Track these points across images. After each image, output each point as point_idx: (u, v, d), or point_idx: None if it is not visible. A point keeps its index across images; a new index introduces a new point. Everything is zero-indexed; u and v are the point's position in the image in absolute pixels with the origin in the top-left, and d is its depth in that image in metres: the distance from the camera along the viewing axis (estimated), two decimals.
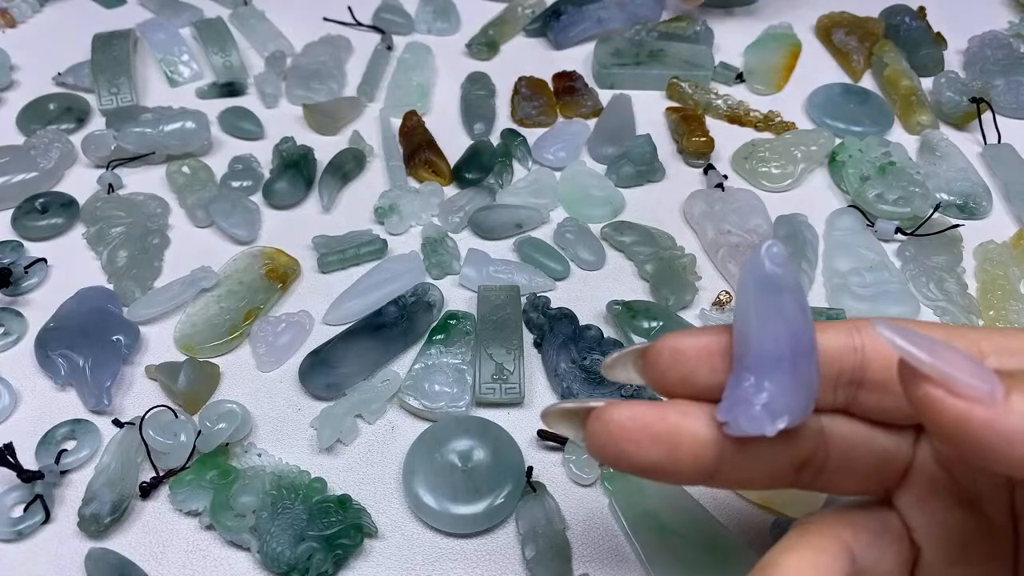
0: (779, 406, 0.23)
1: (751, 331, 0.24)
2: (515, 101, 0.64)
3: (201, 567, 0.38)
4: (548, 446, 0.42)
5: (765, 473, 0.26)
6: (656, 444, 0.24)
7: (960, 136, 0.63)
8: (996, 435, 0.19)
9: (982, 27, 0.72)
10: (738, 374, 0.24)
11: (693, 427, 0.25)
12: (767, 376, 0.24)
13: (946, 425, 0.20)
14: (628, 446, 0.25)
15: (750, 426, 0.23)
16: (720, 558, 0.37)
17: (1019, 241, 0.53)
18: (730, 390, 0.24)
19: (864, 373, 0.25)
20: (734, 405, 0.24)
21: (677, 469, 0.25)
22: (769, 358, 0.24)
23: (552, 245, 0.53)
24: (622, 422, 0.25)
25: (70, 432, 0.42)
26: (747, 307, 0.24)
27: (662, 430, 0.25)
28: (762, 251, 0.24)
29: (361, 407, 0.43)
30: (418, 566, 0.38)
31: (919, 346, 0.20)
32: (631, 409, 0.25)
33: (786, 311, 0.24)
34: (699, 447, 0.24)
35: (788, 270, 0.24)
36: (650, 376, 0.27)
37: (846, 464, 0.26)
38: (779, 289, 0.24)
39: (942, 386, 0.20)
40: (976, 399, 0.20)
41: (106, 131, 0.58)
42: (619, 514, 0.39)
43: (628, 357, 0.28)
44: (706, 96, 0.65)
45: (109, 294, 0.49)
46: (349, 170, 0.58)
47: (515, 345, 0.45)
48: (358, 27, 0.73)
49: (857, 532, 0.25)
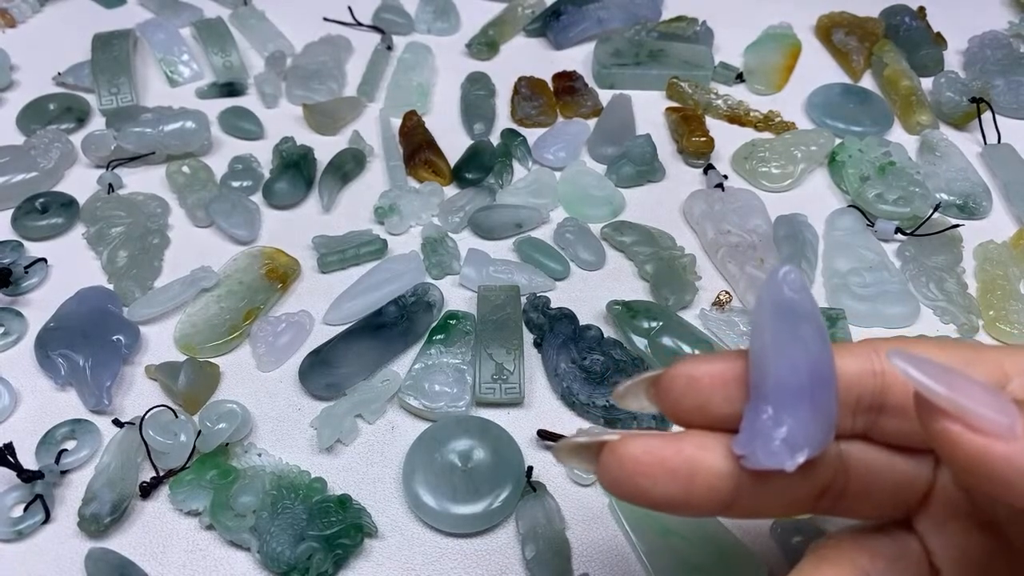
0: (799, 439, 0.22)
1: (768, 359, 0.23)
2: (515, 101, 0.64)
3: (201, 567, 0.38)
4: (548, 446, 0.42)
5: (783, 503, 0.25)
6: (671, 478, 0.24)
7: (960, 136, 0.63)
8: (1015, 470, 0.19)
9: (982, 27, 0.72)
10: (756, 404, 0.23)
11: (710, 460, 0.24)
12: (786, 408, 0.23)
13: (963, 460, 0.20)
14: (642, 481, 0.24)
15: (769, 460, 0.23)
16: (720, 558, 0.37)
17: (1019, 241, 0.53)
18: (748, 422, 0.23)
19: (885, 398, 0.24)
20: (752, 438, 0.23)
21: (693, 502, 0.24)
22: (788, 388, 0.23)
23: (552, 245, 0.53)
24: (636, 456, 0.24)
25: (70, 432, 0.42)
26: (764, 334, 0.23)
27: (678, 464, 0.24)
28: (779, 276, 0.23)
29: (361, 407, 0.43)
30: (418, 566, 0.38)
31: (935, 378, 0.20)
32: (646, 443, 0.24)
33: (805, 339, 0.23)
34: (715, 480, 0.24)
35: (806, 296, 0.23)
36: (664, 404, 0.26)
37: (865, 490, 0.25)
38: (797, 316, 0.23)
39: (959, 421, 0.19)
40: (994, 434, 0.19)
41: (106, 131, 0.58)
42: (619, 514, 0.39)
43: (640, 386, 0.27)
44: (706, 96, 0.65)
45: (109, 294, 0.49)
46: (349, 170, 0.58)
47: (515, 345, 0.45)
48: (358, 27, 0.73)
49: (874, 558, 0.25)
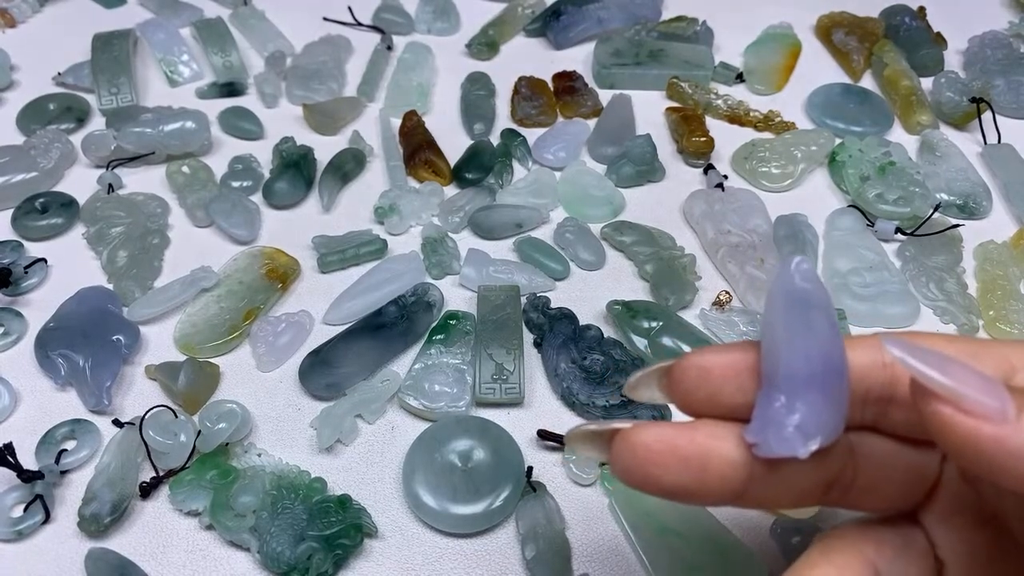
0: (811, 427, 0.22)
1: (780, 348, 0.23)
2: (515, 101, 0.64)
3: (201, 567, 0.38)
4: (548, 446, 0.42)
5: (794, 493, 0.25)
6: (684, 466, 0.24)
7: (960, 136, 0.63)
8: (1005, 453, 0.19)
9: (982, 27, 0.72)
10: (768, 393, 0.23)
11: (723, 449, 0.24)
12: (798, 396, 0.23)
13: (954, 442, 0.20)
14: (655, 469, 0.24)
15: (781, 448, 0.23)
16: (720, 558, 0.37)
17: (1019, 241, 0.53)
18: (760, 410, 0.24)
19: (894, 389, 0.24)
20: (765, 426, 0.23)
21: (705, 491, 0.24)
22: (800, 377, 0.23)
23: (552, 245, 0.53)
24: (649, 444, 0.24)
25: (70, 432, 0.42)
26: (776, 323, 0.24)
27: (691, 452, 0.24)
28: (792, 267, 0.23)
29: (361, 407, 0.43)
30: (418, 566, 0.38)
31: (929, 364, 0.20)
32: (658, 430, 0.24)
33: (817, 328, 0.23)
34: (728, 468, 0.24)
35: (818, 286, 0.23)
36: (675, 395, 0.26)
37: (874, 482, 0.26)
38: (809, 305, 0.23)
39: (951, 404, 0.20)
40: (986, 416, 0.20)
41: (106, 131, 0.58)
42: (619, 514, 0.39)
43: (652, 376, 0.27)
44: (706, 96, 0.65)
45: (109, 294, 0.49)
46: (349, 170, 0.58)
47: (515, 345, 0.45)
48: (358, 27, 0.73)
49: (881, 548, 0.25)
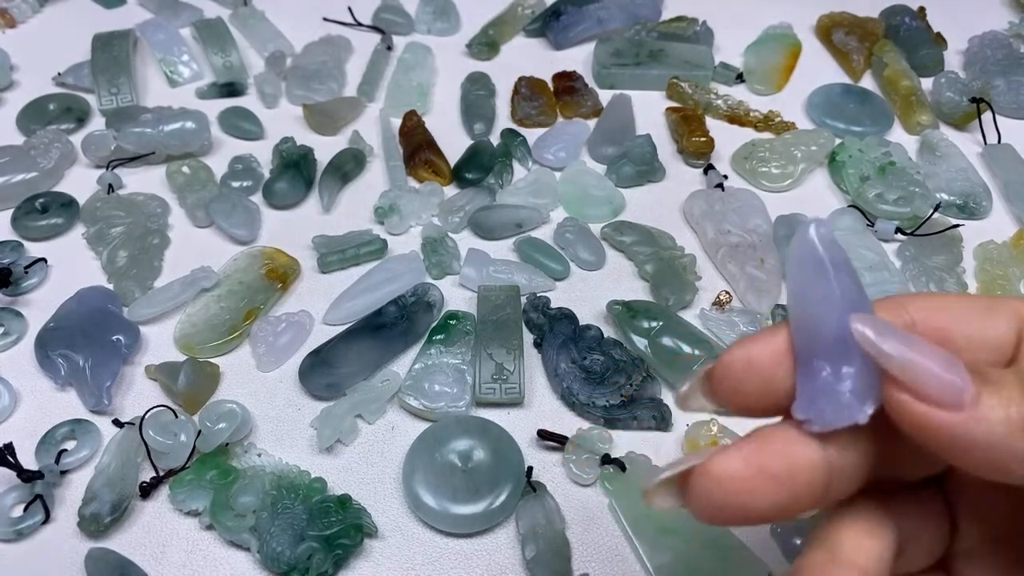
0: (864, 389, 0.21)
1: (814, 317, 0.22)
2: (515, 101, 0.64)
3: (201, 567, 0.38)
4: (548, 446, 0.42)
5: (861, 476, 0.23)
6: (775, 485, 0.21)
7: (960, 136, 0.63)
8: (962, 440, 0.19)
9: (982, 27, 0.72)
10: (808, 365, 0.22)
11: (804, 452, 0.22)
12: (844, 361, 0.21)
13: (912, 427, 0.20)
14: (746, 498, 0.21)
15: (839, 417, 0.21)
16: (720, 558, 0.37)
17: (1019, 241, 0.53)
18: (804, 385, 0.22)
19: None
20: (815, 398, 0.22)
21: (795, 505, 0.22)
22: (840, 340, 0.21)
23: (552, 245, 0.53)
24: (735, 472, 0.21)
25: (70, 432, 0.42)
26: (805, 293, 0.22)
27: (779, 467, 0.21)
28: (811, 232, 0.22)
29: (361, 407, 0.43)
30: (418, 566, 0.38)
31: (892, 344, 0.20)
32: (739, 454, 0.22)
33: (845, 288, 0.22)
34: (810, 472, 0.22)
35: (837, 246, 0.23)
36: (722, 394, 0.24)
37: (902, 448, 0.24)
38: (836, 267, 0.22)
39: (909, 390, 0.20)
40: (941, 403, 0.20)
41: (106, 131, 0.58)
42: (619, 514, 0.39)
43: (696, 385, 0.24)
44: (706, 96, 0.65)
45: (109, 294, 0.49)
46: (349, 170, 0.58)
47: (515, 345, 0.45)
48: (358, 27, 0.73)
49: (901, 508, 0.24)
